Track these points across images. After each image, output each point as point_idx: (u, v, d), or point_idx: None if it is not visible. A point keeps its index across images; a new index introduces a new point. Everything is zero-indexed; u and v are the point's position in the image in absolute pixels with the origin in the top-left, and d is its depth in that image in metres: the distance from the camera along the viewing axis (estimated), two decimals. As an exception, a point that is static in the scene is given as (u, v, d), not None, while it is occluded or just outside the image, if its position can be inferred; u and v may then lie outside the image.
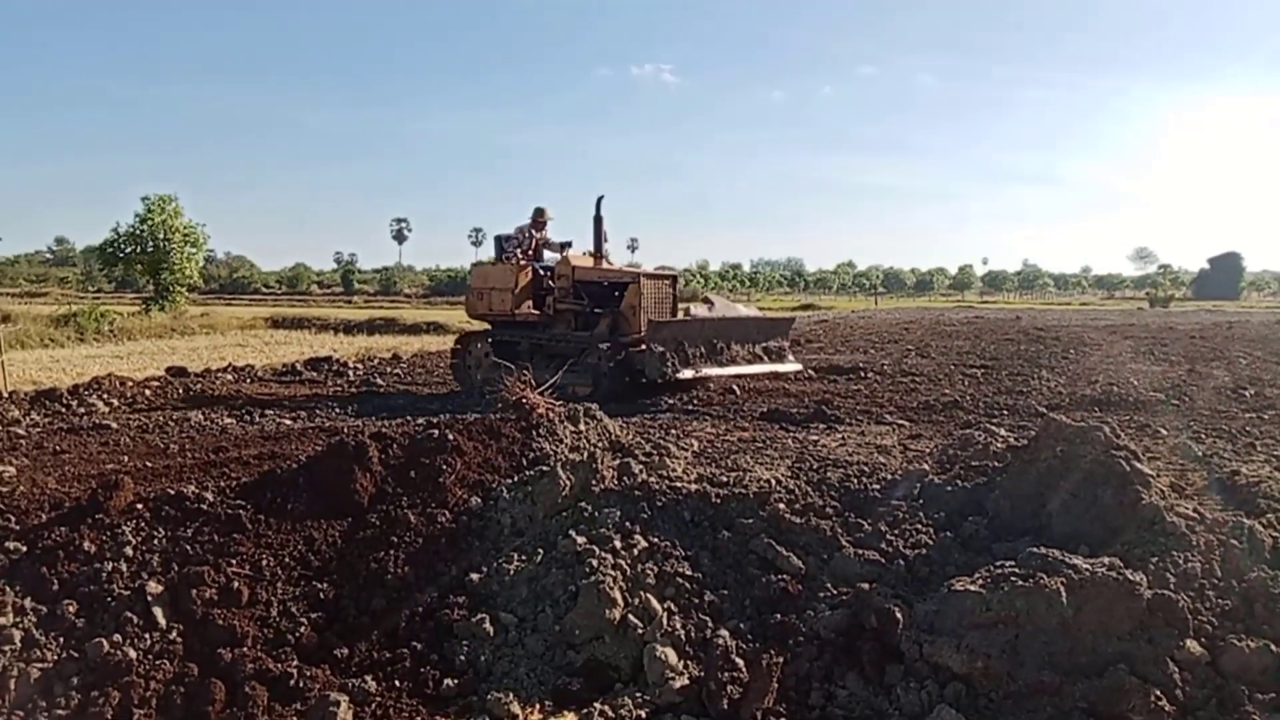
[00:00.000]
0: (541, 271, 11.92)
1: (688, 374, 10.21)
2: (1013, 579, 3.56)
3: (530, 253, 12.20)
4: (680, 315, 11.53)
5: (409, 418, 8.54)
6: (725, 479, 5.45)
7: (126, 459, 6.42)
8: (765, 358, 11.18)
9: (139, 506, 4.43)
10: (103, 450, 6.86)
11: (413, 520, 4.62)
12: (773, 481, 5.42)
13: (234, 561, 4.21)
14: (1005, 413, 9.05)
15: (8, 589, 3.89)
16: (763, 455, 6.65)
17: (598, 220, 11.69)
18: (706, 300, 12.65)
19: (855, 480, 5.51)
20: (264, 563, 4.26)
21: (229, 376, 12.94)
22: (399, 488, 4.87)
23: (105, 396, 9.66)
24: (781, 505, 4.76)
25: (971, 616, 3.50)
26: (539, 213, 12.29)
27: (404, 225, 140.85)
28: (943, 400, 9.83)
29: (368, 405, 9.73)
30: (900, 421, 8.57)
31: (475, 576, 4.29)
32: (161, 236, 33.39)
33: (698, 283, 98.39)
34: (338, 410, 9.28)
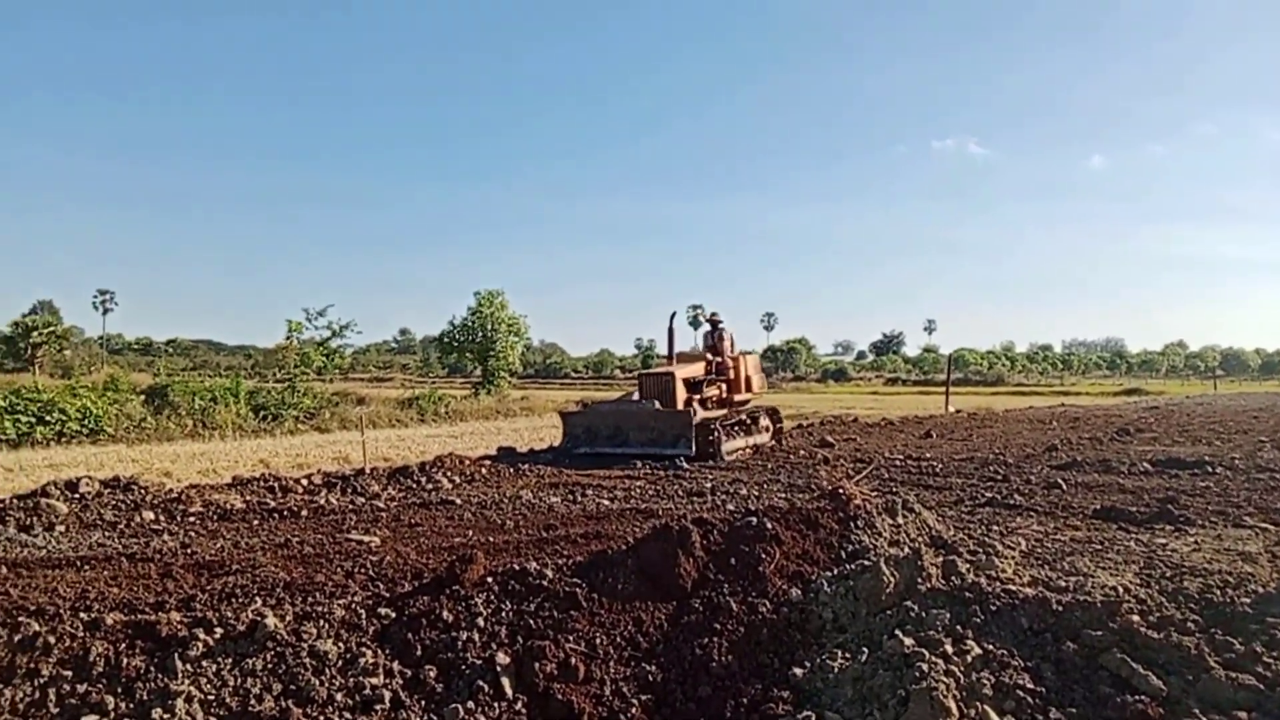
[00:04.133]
0: None
1: (583, 450, 14.07)
2: None
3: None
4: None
5: (719, 500, 8.73)
6: (1064, 584, 5.06)
7: (471, 533, 7.01)
8: (657, 443, 13.66)
9: (489, 580, 4.82)
10: (449, 524, 7.55)
11: (735, 608, 4.67)
12: (1120, 589, 4.96)
13: (571, 638, 4.45)
14: (1402, 519, 7.70)
15: (380, 652, 4.35)
16: (1103, 559, 6.09)
17: (670, 331, 15.82)
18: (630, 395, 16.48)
19: (1218, 592, 4.91)
20: (598, 641, 4.47)
21: (549, 455, 13.85)
22: (720, 574, 4.96)
23: (448, 473, 10.68)
24: (1135, 617, 4.33)
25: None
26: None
27: (699, 311, 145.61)
28: (1316, 502, 8.55)
29: (675, 486, 10.01)
30: (1264, 525, 7.55)
31: (799, 671, 4.25)
32: (490, 327, 36.87)
33: (1003, 365, 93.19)
34: (652, 492, 9.63)
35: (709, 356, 16.26)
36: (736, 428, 14.67)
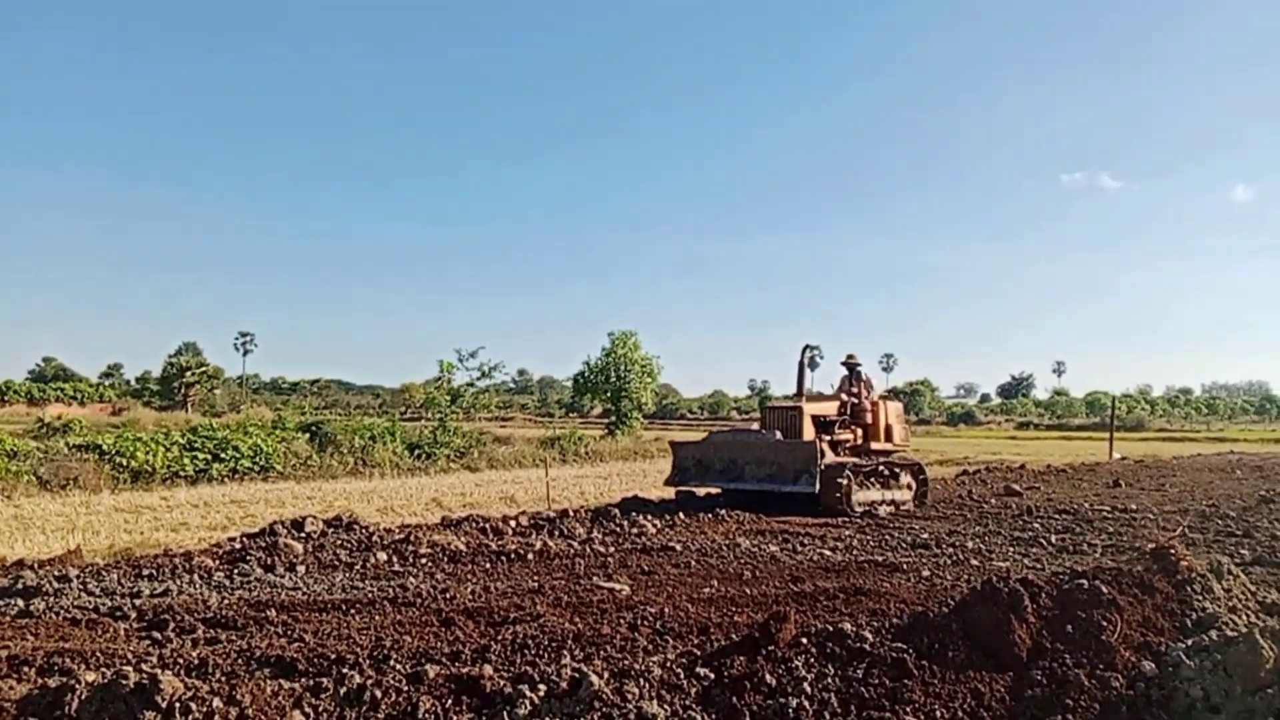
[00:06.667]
0: None
1: (691, 485, 13.65)
2: None
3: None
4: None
5: (938, 550, 8.23)
6: None
7: (715, 583, 6.71)
8: (776, 478, 12.37)
9: (803, 641, 4.49)
10: (681, 572, 7.25)
11: (1085, 682, 4.20)
12: None
13: (908, 709, 4.07)
14: None
15: (706, 716, 4.05)
16: None
17: (800, 366, 14.50)
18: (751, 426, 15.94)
19: None
20: (937, 713, 4.07)
21: (725, 499, 13.45)
22: (1056, 643, 4.50)
23: (648, 516, 10.44)
24: None
25: None
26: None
27: (816, 353, 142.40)
28: None
29: (890, 537, 9.50)
30: None
31: (1181, 757, 3.76)
32: (623, 367, 36.96)
33: (1142, 410, 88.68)
34: (871, 544, 9.17)
35: (843, 398, 14.85)
36: (872, 477, 12.89)
